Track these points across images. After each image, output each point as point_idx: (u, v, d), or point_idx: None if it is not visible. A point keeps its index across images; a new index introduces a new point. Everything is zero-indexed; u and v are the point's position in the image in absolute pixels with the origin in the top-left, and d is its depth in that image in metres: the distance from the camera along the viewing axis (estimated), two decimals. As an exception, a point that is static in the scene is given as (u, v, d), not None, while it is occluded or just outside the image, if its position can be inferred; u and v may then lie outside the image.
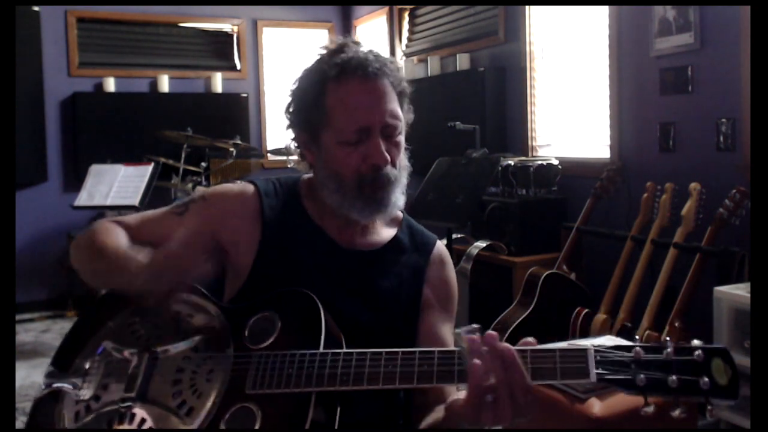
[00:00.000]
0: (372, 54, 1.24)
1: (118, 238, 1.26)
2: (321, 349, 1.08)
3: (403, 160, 1.26)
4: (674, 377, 0.92)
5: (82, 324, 1.30)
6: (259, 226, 1.29)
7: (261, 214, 1.30)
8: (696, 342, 0.95)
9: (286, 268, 1.26)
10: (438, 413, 1.18)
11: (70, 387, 1.17)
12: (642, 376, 0.93)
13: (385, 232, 1.35)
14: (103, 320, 1.25)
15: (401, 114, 1.24)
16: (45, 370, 1.24)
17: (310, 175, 1.35)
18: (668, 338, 0.98)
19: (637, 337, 1.02)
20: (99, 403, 1.14)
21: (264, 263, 1.27)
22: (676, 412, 0.93)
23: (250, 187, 1.33)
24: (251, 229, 1.29)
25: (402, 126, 1.24)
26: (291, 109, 1.29)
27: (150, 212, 1.36)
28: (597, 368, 0.94)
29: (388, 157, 1.21)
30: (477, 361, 0.93)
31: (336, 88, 1.20)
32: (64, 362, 1.23)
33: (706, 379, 0.91)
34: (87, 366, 1.19)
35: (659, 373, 0.93)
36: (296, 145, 1.31)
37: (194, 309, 1.21)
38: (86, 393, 1.15)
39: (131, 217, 1.35)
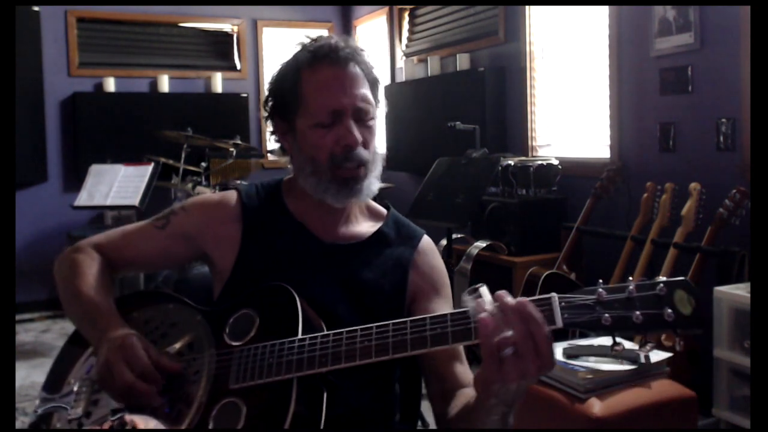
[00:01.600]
0: (343, 41, 1.28)
1: (93, 280, 1.30)
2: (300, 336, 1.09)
3: (375, 146, 1.29)
4: (638, 312, 0.92)
5: (70, 346, 1.33)
6: (240, 227, 1.32)
7: (242, 216, 1.33)
8: (659, 278, 0.96)
9: (266, 265, 1.28)
10: (466, 396, 1.17)
11: (62, 408, 1.20)
12: (607, 315, 0.93)
13: (369, 227, 1.36)
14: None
15: (372, 99, 1.27)
16: (38, 395, 1.28)
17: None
18: (630, 277, 0.99)
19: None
20: (90, 419, 1.17)
21: (245, 262, 1.30)
22: (647, 347, 0.95)
23: (232, 193, 1.37)
24: (232, 232, 1.32)
25: (374, 111, 1.28)
26: (269, 102, 1.33)
27: (132, 227, 1.39)
28: (563, 314, 0.95)
29: (360, 138, 1.23)
30: (484, 315, 0.92)
31: (309, 74, 1.25)
32: (55, 386, 1.27)
33: (670, 310, 0.92)
34: (77, 386, 1.23)
35: (623, 311, 0.93)
36: (275, 136, 1.35)
37: (176, 316, 1.25)
38: (77, 411, 1.19)
39: (113, 237, 1.38)
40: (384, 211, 1.40)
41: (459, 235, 3.82)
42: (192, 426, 1.09)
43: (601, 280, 0.99)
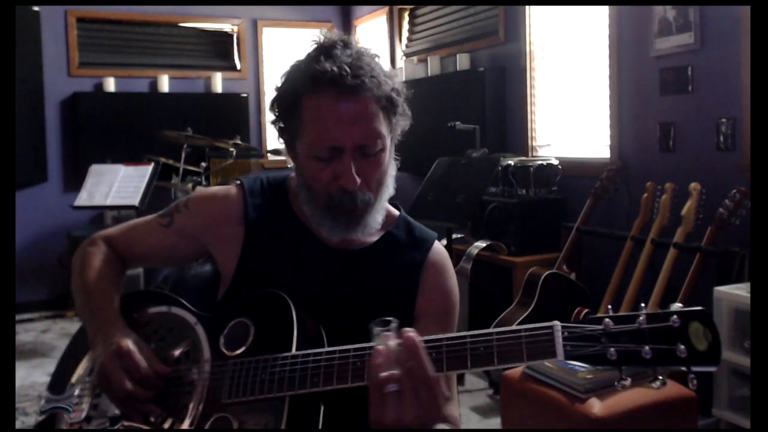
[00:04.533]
0: (355, 63, 1.12)
1: (98, 274, 1.28)
2: (293, 351, 1.07)
3: (383, 176, 1.19)
4: (647, 347, 0.87)
5: (73, 348, 1.32)
6: (243, 228, 1.27)
7: (245, 216, 1.28)
8: (674, 306, 0.90)
9: (270, 269, 1.24)
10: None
11: (64, 411, 1.21)
12: (612, 349, 0.88)
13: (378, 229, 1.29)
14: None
15: (382, 130, 1.14)
16: (43, 395, 1.29)
17: None
18: (643, 305, 0.93)
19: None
20: (91, 424, 1.17)
21: (248, 264, 1.26)
22: (656, 384, 0.88)
23: (234, 189, 1.31)
24: (235, 232, 1.27)
25: (384, 143, 1.15)
26: (274, 109, 1.23)
27: (139, 222, 1.37)
28: (565, 345, 0.90)
29: (358, 180, 1.13)
30: (379, 346, 0.91)
31: (311, 101, 1.13)
32: (58, 387, 1.26)
33: (683, 346, 0.86)
34: (79, 389, 1.22)
35: (632, 345, 0.88)
36: (281, 139, 1.27)
37: (174, 321, 1.22)
38: (79, 415, 1.19)
39: (124, 230, 1.37)
40: (395, 212, 1.33)
41: (459, 235, 3.82)
42: None
43: (610, 306, 0.94)
